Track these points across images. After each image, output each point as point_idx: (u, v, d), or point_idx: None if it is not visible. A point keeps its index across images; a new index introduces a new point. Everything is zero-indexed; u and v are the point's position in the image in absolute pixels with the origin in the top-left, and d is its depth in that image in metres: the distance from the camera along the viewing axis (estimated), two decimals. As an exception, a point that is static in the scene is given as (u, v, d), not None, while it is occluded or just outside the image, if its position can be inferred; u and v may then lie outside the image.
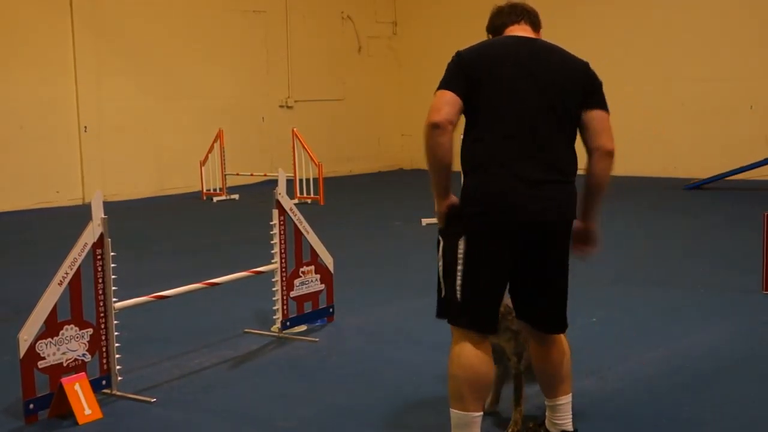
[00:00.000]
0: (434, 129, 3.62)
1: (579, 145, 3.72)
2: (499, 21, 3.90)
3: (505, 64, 3.66)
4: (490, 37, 3.93)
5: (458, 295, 3.64)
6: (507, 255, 3.64)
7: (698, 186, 13.58)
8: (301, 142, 13.36)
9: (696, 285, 7.09)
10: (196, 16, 15.18)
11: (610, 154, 3.69)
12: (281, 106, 16.61)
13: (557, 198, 3.66)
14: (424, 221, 10.72)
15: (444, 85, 3.67)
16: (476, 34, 3.99)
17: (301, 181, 13.28)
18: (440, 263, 3.73)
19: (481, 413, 3.70)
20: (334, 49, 17.41)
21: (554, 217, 3.66)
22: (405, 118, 18.67)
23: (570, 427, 3.95)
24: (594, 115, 3.69)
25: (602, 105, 3.73)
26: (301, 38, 16.79)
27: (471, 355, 3.64)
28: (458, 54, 3.73)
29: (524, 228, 3.62)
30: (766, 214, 6.64)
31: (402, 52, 18.61)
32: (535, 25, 3.89)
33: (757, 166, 13.18)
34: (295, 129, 13.69)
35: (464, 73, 3.65)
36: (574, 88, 3.69)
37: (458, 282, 3.64)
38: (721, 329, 5.85)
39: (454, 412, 3.70)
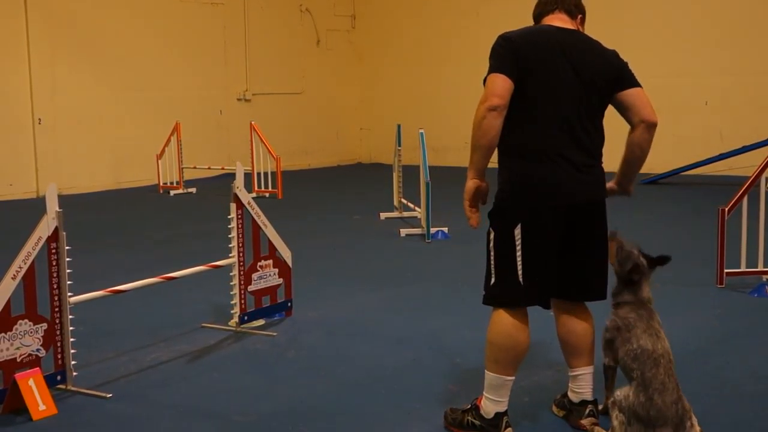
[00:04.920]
0: (491, 111, 3.75)
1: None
2: (536, 11, 4.14)
3: (552, 55, 3.88)
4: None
5: (521, 280, 3.85)
6: (558, 236, 3.90)
7: (654, 181, 13.72)
8: (259, 135, 13.30)
9: (651, 279, 7.14)
10: (153, 7, 15.04)
11: (654, 126, 3.97)
12: (239, 99, 16.53)
13: (598, 180, 3.97)
14: (383, 215, 10.73)
15: (497, 68, 3.80)
16: (434, 29, 4.05)
17: (259, 174, 13.23)
18: (493, 253, 3.93)
19: (513, 378, 3.96)
20: (292, 42, 17.36)
21: (597, 198, 3.99)
22: (364, 112, 18.69)
23: (590, 396, 4.15)
24: (632, 93, 3.97)
25: (636, 83, 4.00)
26: (260, 31, 16.72)
27: (510, 325, 3.90)
28: (506, 38, 3.89)
29: (572, 209, 3.89)
30: (720, 208, 6.72)
31: (361, 46, 18.60)
32: (572, 12, 4.07)
33: (712, 162, 13.35)
34: (253, 122, 13.64)
35: (514, 58, 3.81)
36: (609, 78, 3.95)
37: (519, 267, 3.85)
38: (675, 323, 5.89)
39: (489, 374, 3.96)
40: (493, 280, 3.93)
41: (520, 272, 3.85)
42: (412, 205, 10.46)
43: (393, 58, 18.05)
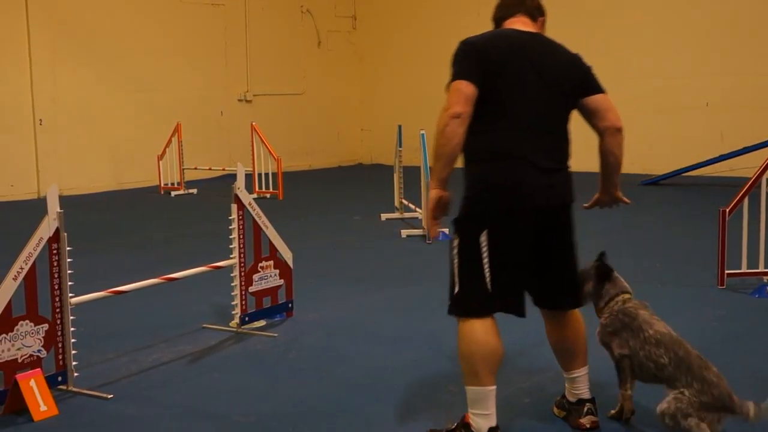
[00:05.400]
0: (455, 119, 3.67)
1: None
2: (497, 14, 4.06)
3: (515, 59, 3.81)
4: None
5: (489, 287, 3.74)
6: (528, 241, 3.81)
7: (655, 182, 13.72)
8: (260, 136, 13.31)
9: (652, 280, 7.16)
10: (154, 8, 15.05)
11: (619, 130, 3.97)
12: (240, 100, 16.54)
13: (565, 184, 3.92)
14: (384, 216, 10.73)
15: (460, 75, 3.73)
16: (435, 29, 4.03)
17: (260, 175, 13.23)
18: (457, 260, 3.82)
19: (495, 386, 3.82)
20: (293, 43, 17.36)
21: (566, 201, 3.94)
22: (364, 113, 18.69)
23: (587, 396, 4.14)
24: (596, 99, 3.94)
25: (600, 88, 3.96)
26: (261, 32, 16.72)
27: (482, 332, 3.76)
28: (467, 44, 3.82)
29: (540, 214, 3.82)
30: (721, 209, 6.72)
31: (362, 47, 18.60)
32: (533, 15, 4.01)
33: (713, 163, 13.35)
34: (254, 123, 13.64)
35: (477, 64, 3.74)
36: (573, 82, 3.91)
37: (487, 274, 3.73)
38: (676, 324, 5.83)
39: (470, 389, 3.84)
40: (457, 288, 3.81)
41: (488, 279, 3.73)
42: (413, 206, 10.46)
43: (394, 59, 18.05)
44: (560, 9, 15.43)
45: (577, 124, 4.05)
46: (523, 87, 3.78)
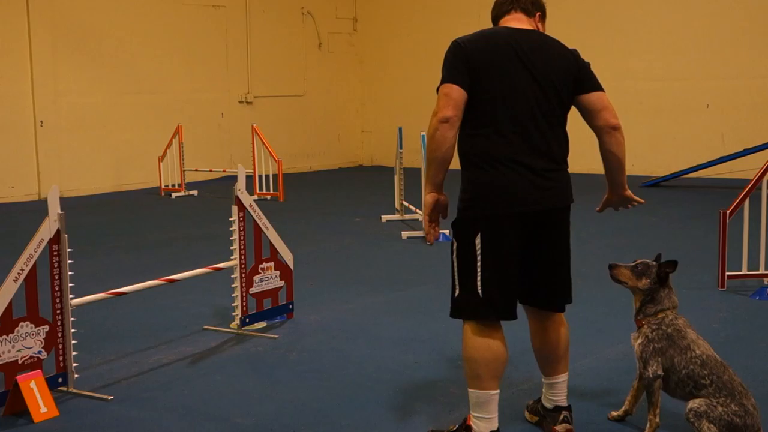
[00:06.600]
0: (443, 123, 3.68)
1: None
2: (493, 13, 4.03)
3: (505, 58, 3.76)
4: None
5: (480, 291, 3.74)
6: (519, 244, 3.79)
7: (655, 184, 13.71)
8: (260, 138, 13.31)
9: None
10: (154, 9, 15.05)
11: (615, 128, 3.89)
12: (241, 102, 16.54)
13: (560, 186, 3.85)
14: (384, 218, 10.73)
15: (449, 78, 3.72)
16: (435, 31, 4.03)
17: (260, 177, 13.24)
18: (456, 263, 3.82)
19: (498, 391, 3.82)
20: (294, 44, 17.36)
21: (560, 203, 3.86)
22: (365, 115, 18.69)
23: (564, 403, 4.10)
24: (591, 97, 3.87)
25: (597, 86, 3.90)
26: (261, 34, 16.73)
27: (484, 336, 3.77)
28: (457, 45, 3.79)
29: (535, 216, 3.78)
30: (722, 211, 6.72)
31: (362, 49, 18.61)
32: (528, 11, 3.96)
33: (713, 164, 13.35)
34: (254, 125, 13.64)
35: (466, 66, 3.72)
36: (567, 79, 3.84)
37: (478, 278, 3.74)
38: (677, 325, 5.89)
39: (472, 392, 3.83)
40: (457, 291, 3.82)
41: (479, 283, 3.74)
42: (413, 208, 10.47)
43: (394, 61, 18.06)
44: (561, 10, 15.47)
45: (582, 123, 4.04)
46: (513, 87, 3.74)
